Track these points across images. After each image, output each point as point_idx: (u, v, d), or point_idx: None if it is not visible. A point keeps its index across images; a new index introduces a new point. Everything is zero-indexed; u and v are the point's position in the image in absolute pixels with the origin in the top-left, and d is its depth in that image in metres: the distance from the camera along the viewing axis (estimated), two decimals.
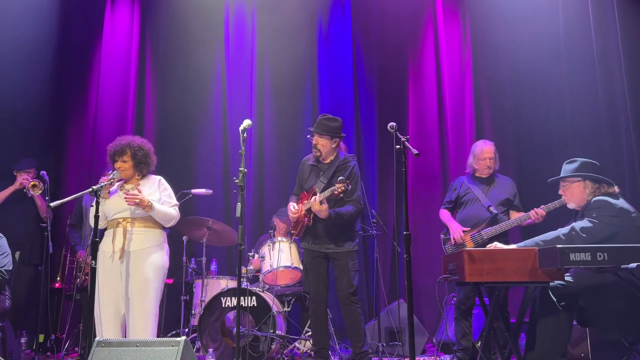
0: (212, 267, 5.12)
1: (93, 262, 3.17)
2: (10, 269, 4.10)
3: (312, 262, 4.00)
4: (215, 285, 4.78)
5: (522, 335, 3.86)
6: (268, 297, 4.44)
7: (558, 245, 2.79)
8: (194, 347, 4.11)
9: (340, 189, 3.66)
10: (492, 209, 4.22)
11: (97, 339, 2.71)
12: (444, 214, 4.48)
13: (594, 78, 5.51)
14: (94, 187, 3.32)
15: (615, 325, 3.25)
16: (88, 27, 6.17)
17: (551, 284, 3.06)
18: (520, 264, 2.90)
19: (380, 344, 4.57)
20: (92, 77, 6.12)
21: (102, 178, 3.45)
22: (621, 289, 2.98)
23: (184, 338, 2.65)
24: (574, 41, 5.69)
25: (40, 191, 4.96)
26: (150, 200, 3.41)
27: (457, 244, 4.23)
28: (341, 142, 4.18)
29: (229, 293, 4.40)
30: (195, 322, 4.57)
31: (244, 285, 4.38)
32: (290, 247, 4.73)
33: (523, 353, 3.26)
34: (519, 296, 3.51)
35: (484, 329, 3.51)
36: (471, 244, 4.20)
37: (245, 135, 3.50)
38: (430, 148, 5.99)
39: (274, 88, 6.19)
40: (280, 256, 4.66)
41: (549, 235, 3.21)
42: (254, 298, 4.34)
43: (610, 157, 5.29)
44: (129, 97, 6.05)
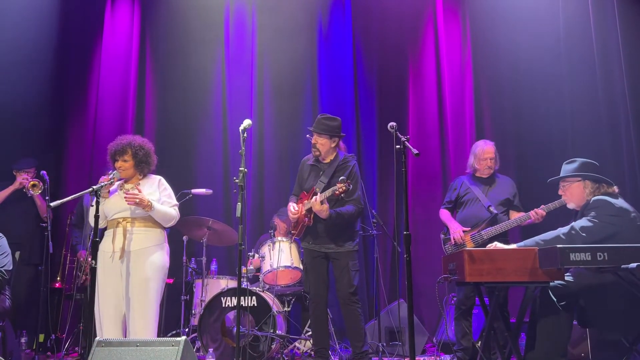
0: (212, 267, 5.13)
1: (93, 262, 3.17)
2: (10, 269, 4.10)
3: (312, 262, 4.00)
4: (216, 285, 4.78)
5: (522, 335, 3.86)
6: (268, 297, 4.44)
7: (558, 245, 2.79)
8: (194, 347, 4.11)
9: (341, 188, 3.66)
10: (492, 209, 4.22)
11: (97, 338, 2.70)
12: (444, 214, 4.48)
13: (594, 78, 5.51)
14: (94, 186, 3.32)
15: (616, 325, 3.25)
16: (88, 27, 6.17)
17: (551, 284, 3.05)
18: (520, 264, 2.90)
19: (380, 344, 4.57)
20: (92, 77, 6.12)
21: (102, 178, 3.44)
22: (621, 289, 2.98)
23: (184, 338, 2.65)
24: (574, 41, 5.69)
25: (39, 191, 4.95)
26: (150, 200, 3.41)
27: (457, 244, 4.23)
28: (341, 142, 4.17)
29: (229, 293, 4.40)
30: (196, 322, 4.57)
31: (244, 285, 4.38)
32: (290, 247, 4.73)
33: (523, 353, 3.26)
34: (519, 296, 3.51)
35: (484, 329, 3.51)
36: (471, 244, 4.19)
37: (245, 135, 3.50)
38: (430, 148, 5.99)
39: (274, 88, 6.19)
40: (280, 256, 4.66)
41: (549, 235, 3.21)
42: (254, 298, 4.34)
43: (610, 157, 5.29)
44: (129, 97, 6.05)
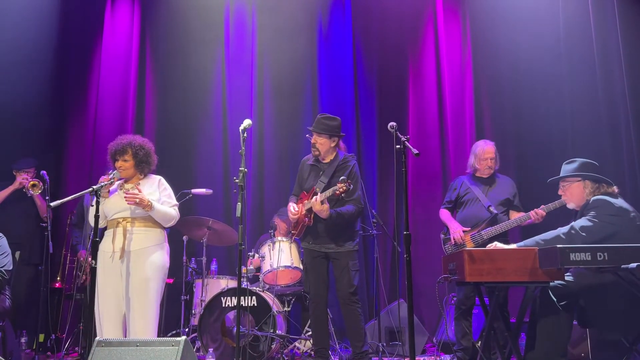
0: (212, 267, 5.12)
1: (93, 262, 3.17)
2: (10, 269, 4.10)
3: (312, 261, 4.00)
4: (216, 285, 4.78)
5: (522, 335, 3.86)
6: (268, 296, 4.44)
7: (558, 245, 2.78)
8: (194, 347, 4.10)
9: (341, 188, 3.66)
10: (492, 209, 4.22)
11: (97, 338, 2.70)
12: (444, 214, 4.48)
13: (594, 78, 5.51)
14: (94, 186, 3.31)
15: (616, 325, 3.24)
16: (88, 27, 6.17)
17: (551, 283, 3.05)
18: (520, 264, 2.90)
19: (380, 344, 4.57)
20: (92, 77, 6.11)
21: (102, 177, 3.44)
22: (621, 289, 2.98)
23: (184, 338, 2.65)
24: (574, 41, 5.69)
25: (39, 191, 4.95)
26: (150, 199, 3.41)
27: (457, 244, 4.23)
28: (341, 142, 4.17)
29: (229, 293, 4.40)
30: (196, 322, 4.57)
31: (244, 285, 4.38)
32: (290, 246, 4.73)
33: (523, 353, 3.26)
34: (519, 296, 3.51)
35: (484, 329, 3.51)
36: (471, 244, 4.19)
37: (245, 135, 3.50)
38: (430, 148, 5.99)
39: (274, 88, 6.19)
40: (280, 256, 4.66)
41: (549, 235, 3.21)
42: (254, 298, 4.34)
43: (610, 157, 5.29)
44: (129, 97, 6.05)
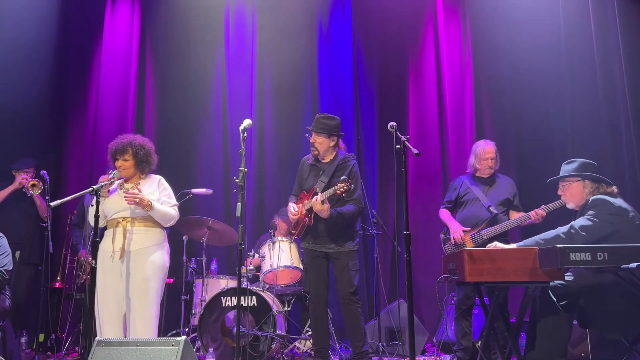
0: (212, 267, 5.13)
1: (93, 261, 3.17)
2: (10, 268, 4.10)
3: (312, 261, 4.00)
4: (216, 284, 4.78)
5: (522, 335, 3.86)
6: (268, 296, 4.44)
7: (558, 245, 2.78)
8: (194, 347, 4.11)
9: (342, 188, 3.65)
10: (492, 209, 4.22)
11: (97, 338, 2.70)
12: (444, 214, 4.48)
13: (594, 78, 5.51)
14: (94, 186, 3.31)
15: (616, 325, 3.24)
16: (88, 27, 6.17)
17: (551, 283, 3.05)
18: (520, 264, 2.89)
19: (380, 344, 4.57)
20: (92, 77, 6.12)
21: (102, 177, 3.43)
22: (621, 289, 2.98)
23: (184, 338, 2.65)
24: (574, 41, 5.69)
25: (39, 190, 4.95)
26: (150, 199, 3.41)
27: (457, 243, 4.23)
28: (340, 142, 4.16)
29: (229, 293, 4.40)
30: (196, 322, 4.57)
31: (244, 284, 4.38)
32: (290, 246, 4.74)
33: (523, 353, 3.26)
34: (519, 296, 3.51)
35: (484, 329, 3.51)
36: (471, 243, 4.19)
37: (245, 135, 3.50)
38: (430, 148, 5.99)
39: (274, 88, 6.19)
40: (280, 256, 4.66)
41: (549, 234, 3.22)
42: (254, 298, 4.34)
43: (610, 156, 5.30)
44: (129, 97, 6.05)
